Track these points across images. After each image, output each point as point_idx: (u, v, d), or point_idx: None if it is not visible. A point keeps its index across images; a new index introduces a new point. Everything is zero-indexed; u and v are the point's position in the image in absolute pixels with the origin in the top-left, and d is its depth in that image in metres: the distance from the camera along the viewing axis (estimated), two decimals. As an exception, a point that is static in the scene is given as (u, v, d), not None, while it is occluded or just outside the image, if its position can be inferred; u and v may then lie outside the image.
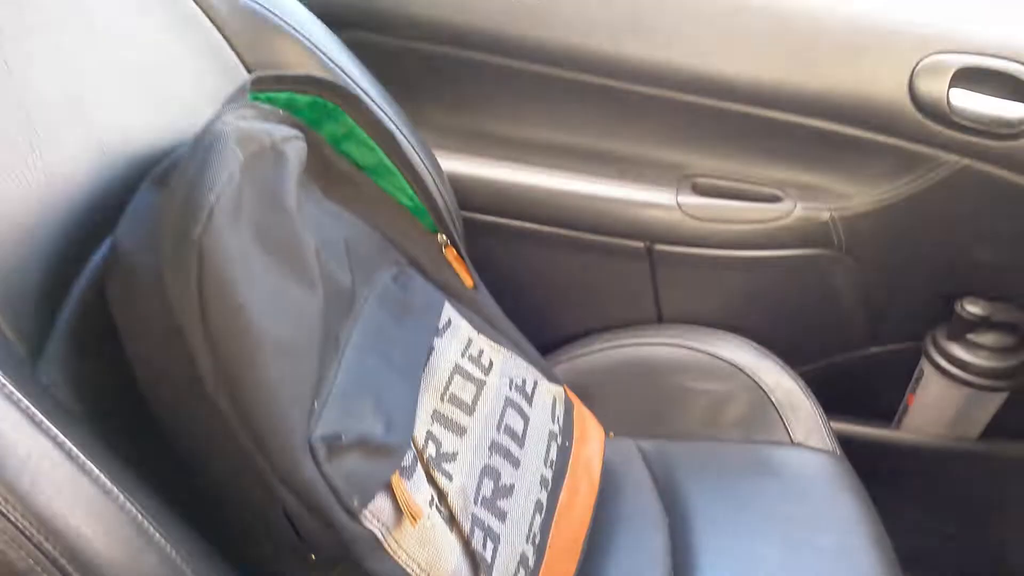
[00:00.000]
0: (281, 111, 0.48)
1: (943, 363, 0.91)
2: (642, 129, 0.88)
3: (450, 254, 0.64)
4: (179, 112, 0.54)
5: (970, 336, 0.89)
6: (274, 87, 0.49)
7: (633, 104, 0.86)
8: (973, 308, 0.87)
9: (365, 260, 0.53)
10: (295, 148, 0.45)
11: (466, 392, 0.53)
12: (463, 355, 0.55)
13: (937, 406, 0.96)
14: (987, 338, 0.89)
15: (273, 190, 0.42)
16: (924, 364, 0.94)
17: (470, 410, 0.52)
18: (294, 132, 0.46)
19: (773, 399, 0.79)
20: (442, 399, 0.51)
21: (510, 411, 0.55)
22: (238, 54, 0.62)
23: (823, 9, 0.80)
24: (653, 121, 0.87)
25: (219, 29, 0.61)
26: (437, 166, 0.77)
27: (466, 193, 0.86)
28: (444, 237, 0.63)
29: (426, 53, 0.88)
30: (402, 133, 0.71)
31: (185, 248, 0.35)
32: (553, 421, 0.60)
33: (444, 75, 0.90)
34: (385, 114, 0.70)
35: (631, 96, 0.85)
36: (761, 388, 0.80)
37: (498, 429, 0.53)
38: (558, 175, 0.89)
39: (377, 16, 0.86)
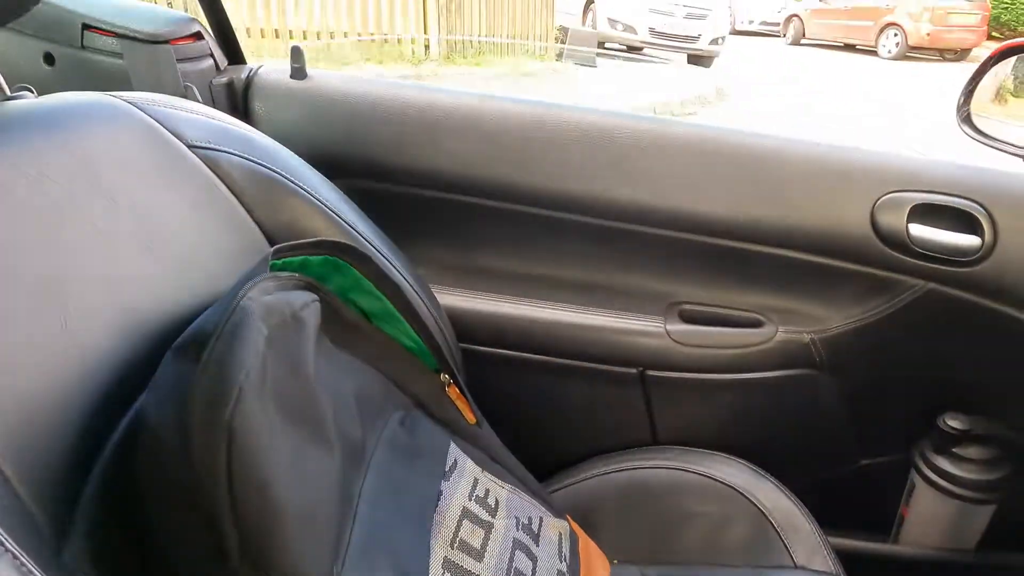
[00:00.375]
0: (297, 275, 0.52)
1: (932, 476, 0.93)
2: (630, 262, 0.94)
3: (453, 392, 0.67)
4: (201, 279, 0.57)
5: (956, 449, 0.92)
6: (290, 254, 0.54)
7: (620, 239, 0.92)
8: (954, 423, 0.90)
9: (373, 408, 0.56)
10: (312, 312, 0.49)
11: (475, 537, 0.54)
12: (470, 497, 0.57)
13: (931, 518, 0.97)
14: (972, 451, 0.92)
15: (294, 359, 0.45)
16: (914, 477, 0.96)
17: (480, 556, 0.53)
18: (311, 296, 0.50)
19: (773, 521, 0.80)
20: (452, 546, 0.52)
21: (519, 553, 0.56)
22: (254, 217, 0.66)
23: (790, 151, 0.88)
24: (639, 254, 0.93)
25: (237, 196, 0.65)
26: (436, 304, 0.81)
27: (464, 327, 0.90)
28: (447, 376, 0.66)
29: (423, 198, 0.94)
30: (403, 277, 0.75)
31: (215, 428, 0.37)
32: (560, 559, 0.61)
33: (440, 217, 0.96)
34: (386, 260, 0.75)
35: (618, 232, 0.91)
36: (760, 510, 0.81)
37: (508, 573, 0.54)
38: (552, 307, 0.93)
39: (377, 167, 0.94)
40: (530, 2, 7.83)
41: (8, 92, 0.60)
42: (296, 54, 0.96)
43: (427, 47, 7.14)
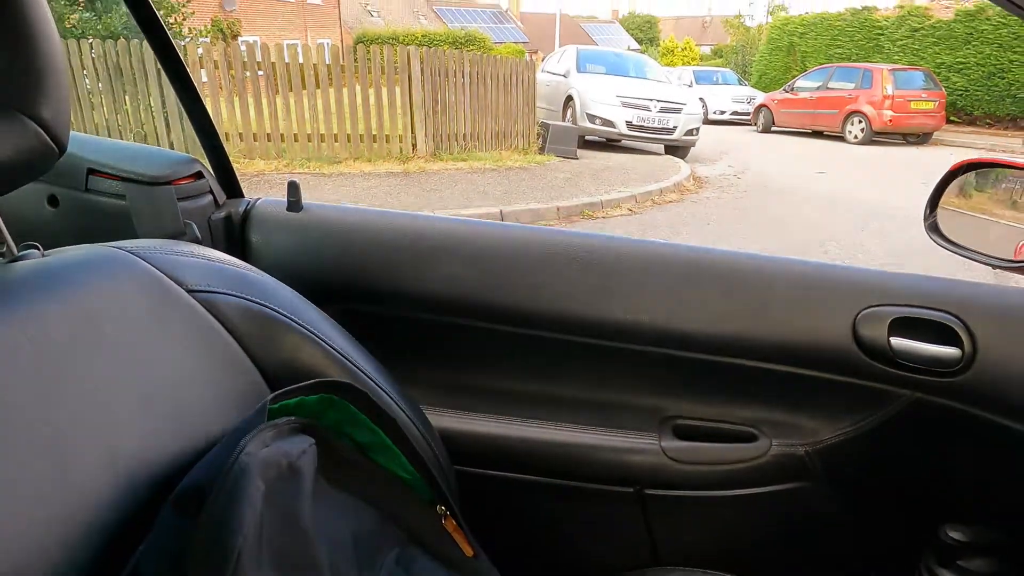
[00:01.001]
0: (293, 418, 0.53)
1: (939, 590, 0.91)
2: (620, 378, 0.95)
3: (449, 525, 0.66)
4: (199, 424, 0.57)
5: (960, 562, 0.91)
6: (286, 397, 0.55)
7: (609, 356, 0.93)
8: (955, 534, 0.89)
9: (371, 547, 0.56)
10: (308, 459, 0.50)
11: None
12: None
13: (942, 632, 0.94)
14: (976, 563, 0.90)
15: (291, 512, 0.46)
16: (921, 590, 0.94)
17: None
18: (307, 442, 0.51)
19: None
20: None
21: None
22: (251, 356, 0.67)
23: (771, 268, 0.91)
24: (629, 371, 0.95)
25: (234, 337, 0.67)
26: (431, 429, 0.81)
27: (458, 449, 0.89)
28: (443, 508, 0.66)
29: (414, 320, 0.96)
30: (398, 407, 0.76)
31: None
32: None
33: (431, 338, 0.98)
34: (380, 389, 0.75)
35: (607, 350, 0.93)
36: None
37: None
38: (545, 426, 0.93)
39: (370, 291, 0.96)
40: (512, 101, 8.20)
41: (16, 251, 0.62)
42: (292, 188, 1.00)
43: (415, 146, 7.41)
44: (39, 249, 0.62)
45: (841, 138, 12.28)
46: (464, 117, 7.75)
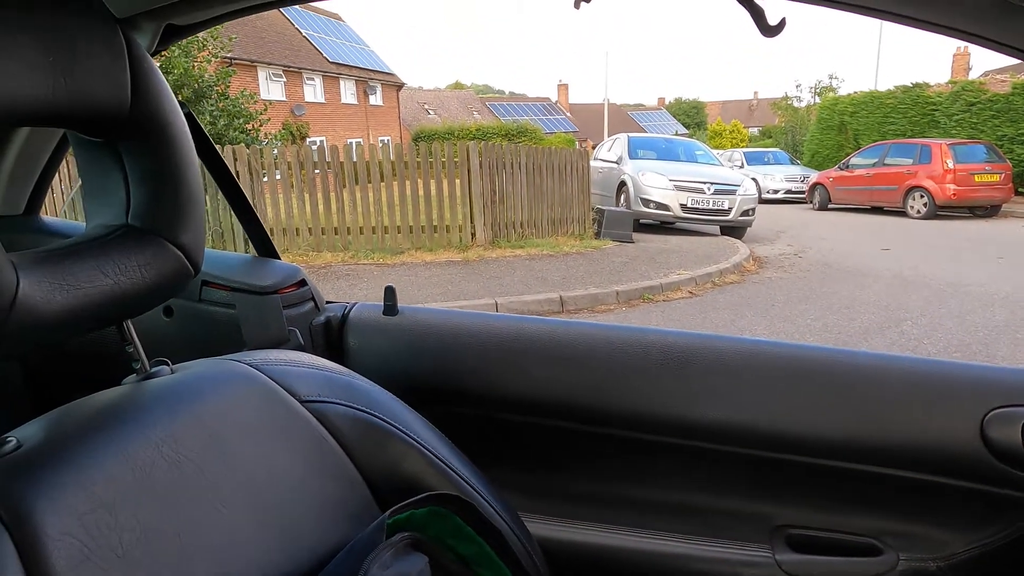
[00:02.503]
0: (407, 533, 0.54)
1: None
2: (724, 484, 0.92)
3: None
4: (308, 538, 0.58)
5: None
6: (400, 512, 0.56)
7: (711, 460, 0.90)
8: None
9: None
10: None
11: None
12: None
13: None
14: None
15: None
16: None
17: None
18: (423, 561, 0.52)
19: None
20: None
21: None
22: (357, 465, 0.68)
23: (882, 366, 0.88)
24: (735, 475, 0.91)
25: (343, 446, 0.68)
26: (531, 539, 0.79)
27: (557, 559, 0.87)
28: None
29: (508, 422, 0.96)
30: (497, 514, 0.75)
31: None
32: None
33: (526, 441, 0.97)
34: (482, 498, 0.75)
35: (708, 453, 0.90)
36: None
37: None
38: (647, 535, 0.90)
39: (464, 394, 0.97)
40: (567, 189, 8.40)
41: (148, 368, 0.65)
42: (389, 293, 1.04)
43: (474, 234, 7.61)
44: (169, 365, 0.66)
45: (903, 213, 12.02)
46: (521, 206, 7.96)
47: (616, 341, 0.95)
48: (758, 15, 0.61)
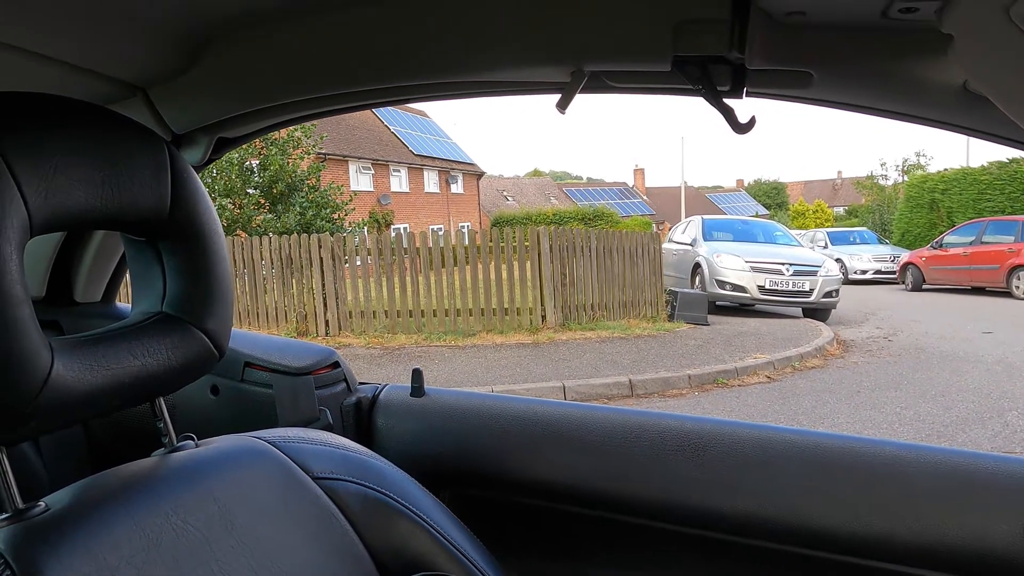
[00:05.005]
0: None
1: None
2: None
3: None
4: None
5: None
6: None
7: (731, 553, 0.87)
8: None
9: None
10: None
11: None
12: None
13: None
14: None
15: None
16: None
17: None
18: None
19: None
20: None
21: None
22: (365, 542, 0.71)
23: (918, 459, 0.83)
24: (758, 570, 0.87)
25: (351, 522, 0.71)
26: None
27: None
28: None
29: (526, 507, 0.96)
30: None
31: None
32: None
33: (544, 526, 0.97)
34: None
35: (728, 545, 0.86)
36: None
37: None
38: None
39: (483, 476, 0.98)
40: (639, 272, 8.39)
41: (176, 442, 0.71)
42: (416, 375, 1.08)
43: (544, 317, 7.67)
44: (194, 439, 0.71)
45: (1007, 293, 11.22)
46: (591, 288, 8.00)
47: (633, 426, 0.95)
48: (728, 113, 0.64)
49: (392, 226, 19.62)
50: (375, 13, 0.74)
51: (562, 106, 0.68)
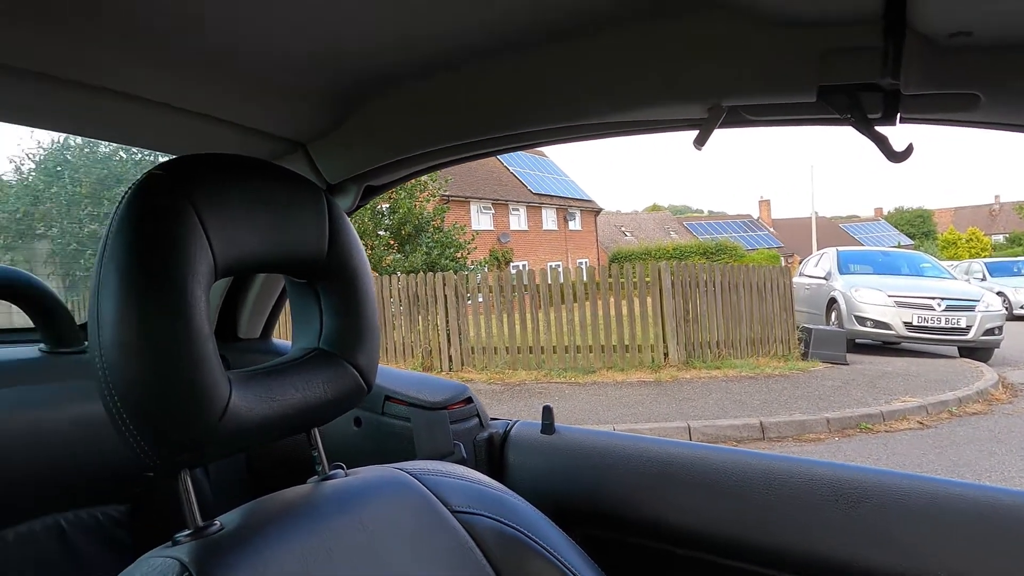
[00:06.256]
0: None
1: None
2: None
3: None
4: None
5: None
6: None
7: None
8: None
9: None
10: None
11: None
12: None
13: None
14: None
15: None
16: None
17: None
18: None
19: None
20: None
21: None
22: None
23: None
24: None
25: (487, 558, 0.72)
26: None
27: None
28: None
29: (657, 551, 0.93)
30: None
31: None
32: None
33: (676, 572, 0.93)
34: None
35: None
36: None
37: None
38: None
39: (613, 517, 0.96)
40: (767, 307, 7.98)
41: (328, 470, 0.75)
42: (546, 412, 1.09)
43: (666, 354, 7.46)
44: (344, 469, 0.76)
45: None
46: (717, 325, 7.70)
47: (778, 472, 0.89)
48: (881, 142, 0.61)
49: (511, 263, 20.04)
50: (511, 63, 0.78)
51: (700, 143, 0.67)
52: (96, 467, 1.05)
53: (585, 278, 7.82)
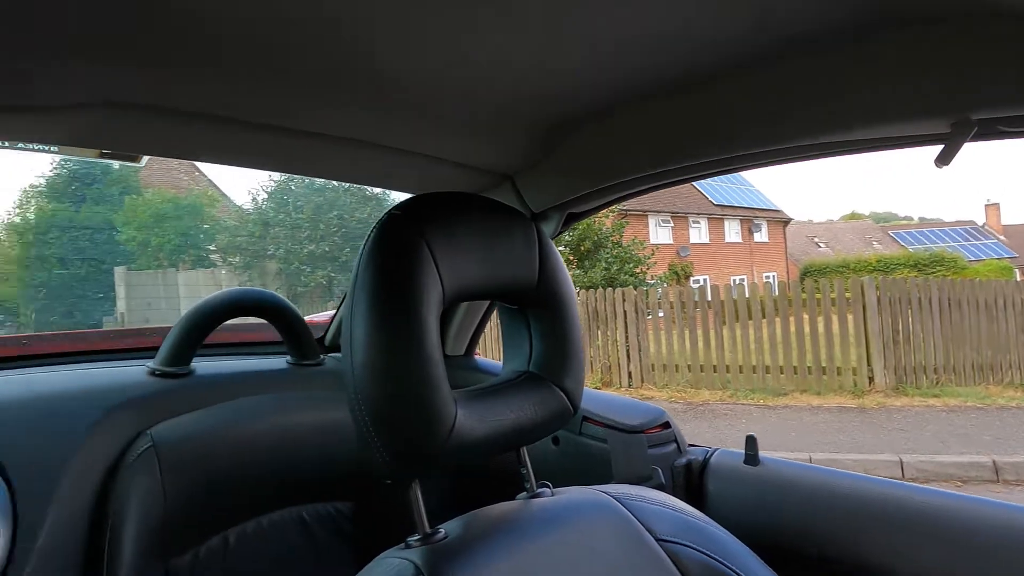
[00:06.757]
0: None
1: None
2: None
3: None
4: None
5: None
6: None
7: None
8: None
9: None
10: None
11: None
12: None
13: None
14: None
15: None
16: None
17: None
18: None
19: None
20: None
21: None
22: None
23: None
24: None
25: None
26: None
27: None
28: None
29: None
30: None
31: None
32: None
33: None
34: None
35: None
36: None
37: None
38: None
39: (830, 564, 0.90)
40: (1000, 328, 6.91)
41: (535, 488, 0.79)
42: (750, 442, 1.04)
43: (871, 379, 6.74)
44: (550, 487, 0.79)
45: None
46: (934, 347, 6.81)
47: (1018, 523, 0.78)
48: None
49: (691, 278, 19.39)
50: (729, 85, 0.76)
51: (944, 161, 0.62)
52: (329, 468, 1.19)
53: (775, 293, 7.33)
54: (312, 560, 1.17)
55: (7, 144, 0.83)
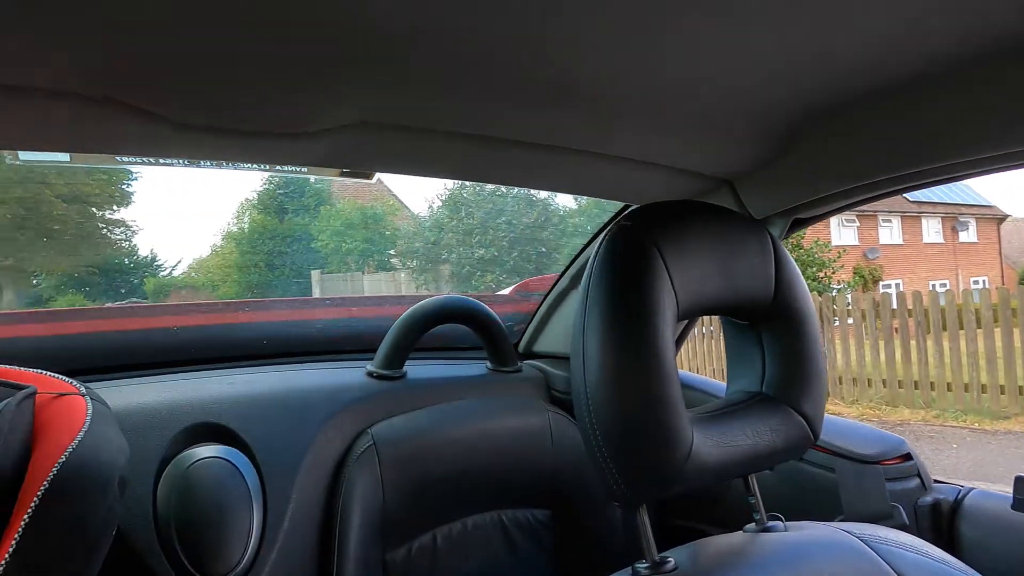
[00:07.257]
0: None
1: None
2: None
3: None
4: None
5: None
6: None
7: None
8: None
9: None
10: None
11: None
12: None
13: None
14: None
15: None
16: None
17: None
18: None
19: None
20: None
21: None
22: None
23: None
24: None
25: None
26: None
27: None
28: None
29: None
30: None
31: None
32: None
33: None
34: None
35: None
36: None
37: None
38: None
39: None
40: None
41: (765, 520, 0.72)
42: (1019, 485, 0.89)
43: (1125, 405, 5.66)
44: (782, 521, 0.72)
45: None
46: None
47: None
48: None
49: (880, 282, 17.59)
50: (993, 78, 0.65)
51: None
52: (526, 474, 1.20)
53: (993, 300, 6.39)
54: (512, 566, 1.19)
55: (265, 167, 0.92)
